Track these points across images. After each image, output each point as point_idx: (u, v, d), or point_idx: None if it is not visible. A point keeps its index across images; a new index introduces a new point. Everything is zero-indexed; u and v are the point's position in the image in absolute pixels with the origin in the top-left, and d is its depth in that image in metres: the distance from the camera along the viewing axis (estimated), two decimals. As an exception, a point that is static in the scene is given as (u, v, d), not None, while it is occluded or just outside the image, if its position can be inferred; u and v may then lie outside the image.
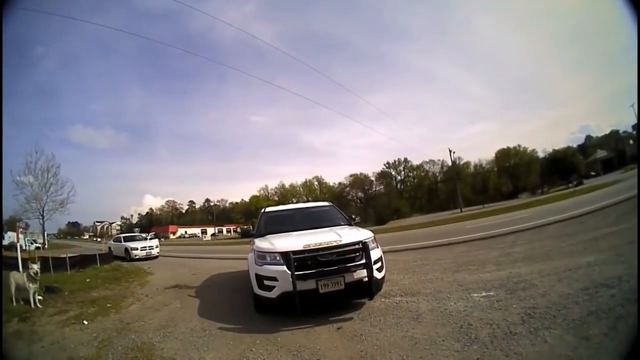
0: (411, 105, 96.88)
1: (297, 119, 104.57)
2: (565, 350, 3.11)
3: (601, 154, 54.36)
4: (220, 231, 78.94)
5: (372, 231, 5.94)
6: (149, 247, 19.46)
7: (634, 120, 45.62)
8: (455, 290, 5.59)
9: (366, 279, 4.89)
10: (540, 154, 55.84)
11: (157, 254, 19.57)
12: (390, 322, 4.53)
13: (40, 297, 7.42)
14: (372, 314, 4.91)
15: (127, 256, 18.51)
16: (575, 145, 57.88)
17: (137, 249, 18.81)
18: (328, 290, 4.78)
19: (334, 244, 5.07)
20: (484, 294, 5.18)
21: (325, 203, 8.03)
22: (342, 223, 6.76)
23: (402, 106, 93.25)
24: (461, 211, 40.12)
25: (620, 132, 54.21)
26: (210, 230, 78.72)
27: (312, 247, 4.97)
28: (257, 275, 5.18)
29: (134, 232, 34.24)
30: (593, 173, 47.69)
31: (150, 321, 5.80)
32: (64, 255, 14.24)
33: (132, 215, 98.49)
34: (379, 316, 4.80)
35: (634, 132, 47.16)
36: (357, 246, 5.11)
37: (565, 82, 79.16)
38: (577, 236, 8.50)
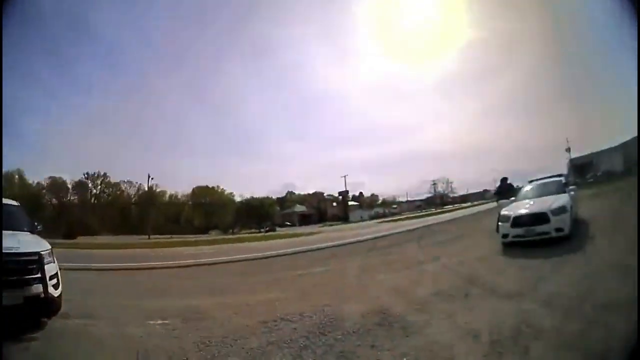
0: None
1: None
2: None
3: (300, 208, 64.01)
4: None
5: (51, 244, 5.47)
6: None
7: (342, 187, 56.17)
8: (136, 317, 5.74)
9: (43, 295, 4.58)
10: (238, 198, 61.54)
11: None
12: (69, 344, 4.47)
13: None
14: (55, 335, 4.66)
15: None
16: (274, 197, 66.25)
17: None
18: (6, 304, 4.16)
19: (13, 251, 4.48)
20: (160, 321, 5.48)
21: (13, 202, 6.65)
22: (26, 229, 5.89)
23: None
24: (149, 238, 38.85)
25: (325, 194, 66.24)
26: None
27: None
28: None
29: None
30: (288, 223, 56.41)
31: None
32: None
33: None
34: (59, 338, 4.61)
35: (340, 197, 58.76)
36: (34, 257, 4.68)
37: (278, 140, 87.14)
38: (260, 276, 9.22)
